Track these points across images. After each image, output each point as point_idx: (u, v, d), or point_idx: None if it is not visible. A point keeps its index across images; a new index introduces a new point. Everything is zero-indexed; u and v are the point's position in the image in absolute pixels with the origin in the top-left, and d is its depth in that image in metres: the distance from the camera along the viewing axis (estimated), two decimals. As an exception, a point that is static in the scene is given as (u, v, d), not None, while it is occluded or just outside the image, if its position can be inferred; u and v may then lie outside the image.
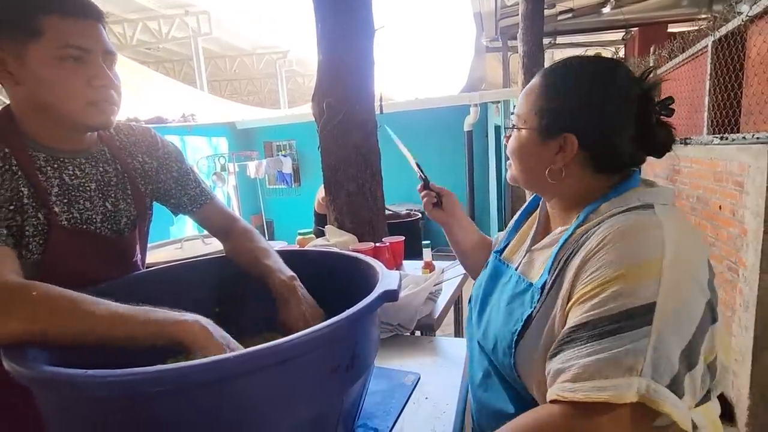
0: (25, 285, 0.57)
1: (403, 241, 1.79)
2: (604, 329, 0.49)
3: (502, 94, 5.99)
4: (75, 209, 0.75)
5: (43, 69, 0.66)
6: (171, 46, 8.73)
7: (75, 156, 0.76)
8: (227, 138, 6.30)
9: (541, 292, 0.60)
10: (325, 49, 1.83)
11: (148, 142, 0.89)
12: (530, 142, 0.66)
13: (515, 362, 0.60)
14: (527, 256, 0.70)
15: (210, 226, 0.97)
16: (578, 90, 0.62)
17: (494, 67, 8.60)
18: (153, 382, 0.46)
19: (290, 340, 0.50)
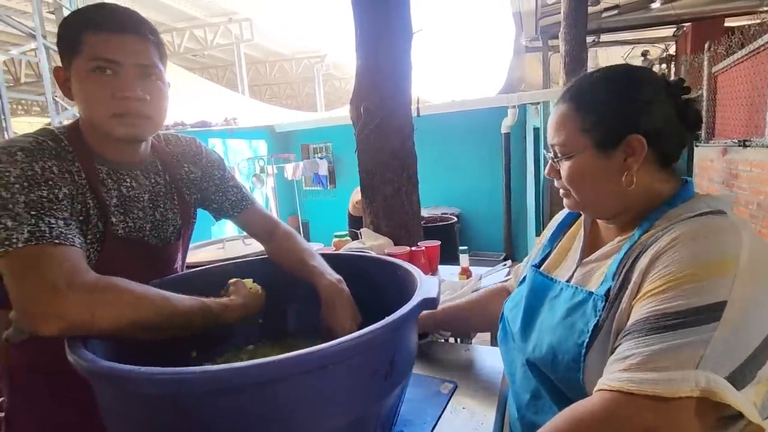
0: (114, 281, 0.61)
1: (439, 245, 1.78)
2: (668, 323, 0.49)
3: (541, 95, 5.81)
4: (129, 219, 0.79)
5: (78, 82, 0.71)
6: (215, 52, 9.12)
7: (131, 168, 0.81)
8: (266, 140, 6.49)
9: (606, 299, 0.59)
10: (364, 54, 1.85)
11: (193, 152, 0.93)
12: (589, 161, 0.64)
13: (584, 377, 0.58)
14: (580, 269, 0.69)
15: (252, 229, 1.00)
16: (618, 91, 0.63)
17: (533, 68, 8.38)
18: (202, 381, 0.48)
19: (333, 346, 0.51)
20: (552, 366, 0.63)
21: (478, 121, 5.47)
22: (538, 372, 0.66)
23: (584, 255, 0.71)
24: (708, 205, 0.58)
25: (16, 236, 0.59)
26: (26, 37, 4.17)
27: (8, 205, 0.61)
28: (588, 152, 0.64)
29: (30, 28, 3.91)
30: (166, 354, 0.76)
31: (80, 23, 0.70)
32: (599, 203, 0.67)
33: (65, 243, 0.62)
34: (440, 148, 5.48)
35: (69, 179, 0.70)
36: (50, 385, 0.77)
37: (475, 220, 5.63)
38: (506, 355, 0.79)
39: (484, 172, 5.56)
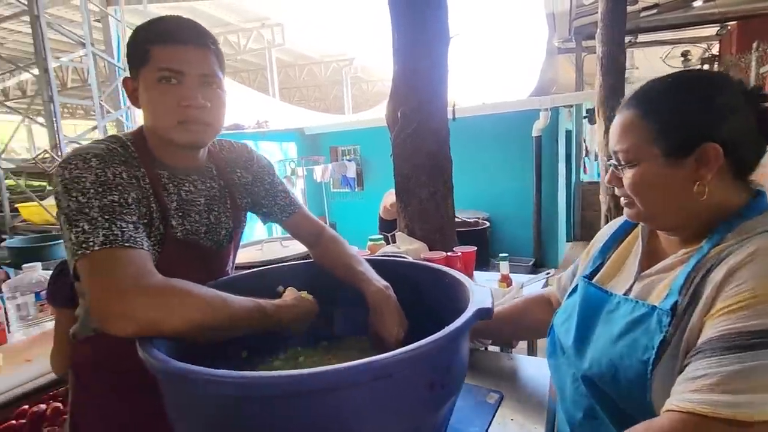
0: (178, 283, 0.64)
1: (474, 251, 1.76)
2: (745, 343, 0.46)
3: (575, 97, 5.69)
4: (187, 222, 0.82)
5: (145, 91, 0.74)
6: (247, 57, 9.35)
7: (190, 173, 0.84)
8: (296, 143, 6.61)
9: (672, 314, 0.56)
10: (401, 59, 1.85)
11: (245, 158, 0.96)
12: (657, 170, 0.62)
13: (651, 395, 0.56)
14: (639, 282, 0.66)
15: (299, 233, 1.02)
16: (693, 97, 0.60)
17: (566, 69, 8.19)
18: (269, 386, 0.49)
19: (394, 356, 0.51)
20: (613, 383, 0.61)
21: (508, 124, 5.40)
22: (594, 389, 0.64)
23: (643, 267, 0.68)
24: None
25: (92, 240, 0.62)
26: (74, 44, 4.40)
27: (84, 209, 0.64)
28: (656, 160, 0.61)
29: (79, 36, 4.12)
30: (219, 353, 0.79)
31: (148, 36, 0.73)
32: (665, 214, 0.64)
33: (135, 246, 0.65)
34: (470, 151, 5.42)
35: (136, 184, 0.73)
36: (114, 382, 0.80)
37: (503, 225, 5.54)
38: (556, 370, 0.77)
39: (513, 175, 5.47)
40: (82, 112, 12.24)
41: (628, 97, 0.67)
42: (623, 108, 0.66)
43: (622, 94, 3.90)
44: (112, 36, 4.78)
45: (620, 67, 3.85)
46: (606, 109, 3.86)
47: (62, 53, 5.75)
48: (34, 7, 3.60)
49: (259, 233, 4.44)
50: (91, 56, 4.12)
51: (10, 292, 1.47)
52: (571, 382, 0.70)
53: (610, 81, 3.81)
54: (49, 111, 3.66)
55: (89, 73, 4.20)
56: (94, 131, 4.44)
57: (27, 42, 6.99)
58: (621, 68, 3.87)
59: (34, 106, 4.53)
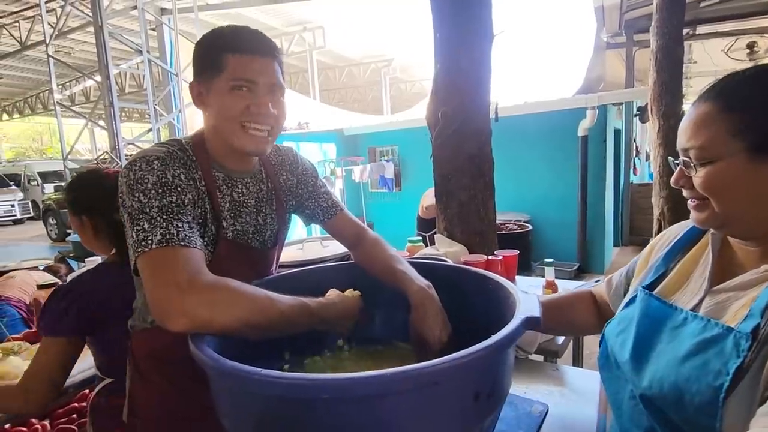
0: (229, 282, 0.66)
1: (516, 255, 1.71)
2: None
3: (625, 94, 5.40)
4: (238, 223, 0.85)
5: (218, 97, 0.77)
6: (290, 60, 9.60)
7: (244, 176, 0.87)
8: (336, 143, 6.71)
9: (752, 338, 0.51)
10: (443, 58, 1.83)
11: (291, 161, 0.98)
12: (738, 168, 0.57)
13: (723, 425, 0.51)
14: (710, 298, 0.61)
15: (340, 234, 1.03)
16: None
17: (615, 66, 7.79)
18: (315, 389, 0.50)
19: (441, 363, 0.50)
20: (676, 407, 0.56)
21: (552, 124, 5.21)
22: (654, 409, 0.59)
23: (714, 282, 0.62)
24: None
25: (151, 238, 0.66)
26: (132, 52, 4.70)
27: (145, 209, 0.68)
28: (738, 157, 0.56)
29: (137, 44, 4.40)
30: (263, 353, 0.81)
31: (222, 46, 0.77)
32: (746, 218, 0.58)
33: (190, 245, 0.68)
34: (510, 152, 5.27)
35: (192, 186, 0.77)
36: (170, 373, 0.85)
37: (545, 228, 5.35)
38: (610, 384, 0.72)
39: (557, 177, 5.27)
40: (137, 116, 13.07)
41: (702, 91, 0.61)
42: (697, 103, 0.61)
43: (678, 90, 3.66)
44: (165, 43, 5.07)
45: (677, 62, 3.61)
46: (660, 107, 3.63)
47: (121, 61, 6.16)
48: (98, 18, 3.88)
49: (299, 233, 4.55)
50: (147, 63, 4.38)
51: (73, 284, 1.58)
52: (628, 398, 0.65)
53: (665, 77, 3.58)
54: (110, 115, 3.93)
55: (145, 78, 4.47)
56: (149, 133, 4.71)
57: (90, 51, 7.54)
58: (678, 63, 3.63)
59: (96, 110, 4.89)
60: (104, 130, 4.11)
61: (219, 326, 0.62)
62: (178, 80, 4.78)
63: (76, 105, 10.12)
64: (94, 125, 5.07)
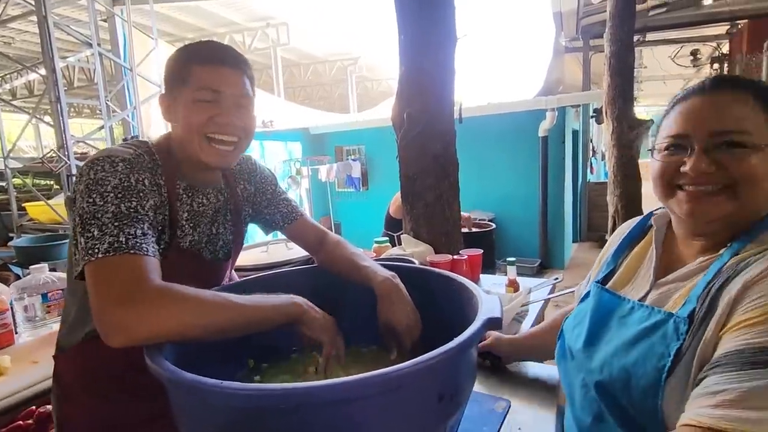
0: (176, 288, 0.63)
1: (481, 254, 1.75)
2: (764, 358, 0.46)
3: (582, 97, 5.64)
4: (196, 233, 0.84)
5: (183, 108, 0.76)
6: (253, 56, 9.36)
7: (206, 186, 0.85)
8: (301, 142, 6.61)
9: (689, 322, 0.55)
10: (407, 60, 1.84)
11: (249, 170, 0.97)
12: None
13: (663, 403, 0.55)
14: (655, 289, 0.65)
15: (302, 239, 1.02)
16: None
17: (573, 70, 8.13)
18: (274, 398, 0.49)
19: (403, 368, 0.50)
20: (624, 390, 0.59)
21: (514, 124, 5.37)
22: (605, 394, 0.63)
23: (659, 275, 0.67)
24: None
25: (98, 246, 0.62)
26: (81, 44, 4.42)
27: (98, 214, 0.64)
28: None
29: (86, 36, 4.14)
30: (227, 359, 0.79)
31: (189, 57, 0.76)
32: (753, 213, 0.58)
33: (139, 252, 0.64)
34: (475, 152, 5.39)
35: (156, 192, 0.74)
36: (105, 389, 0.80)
37: (509, 226, 5.51)
38: (565, 375, 0.76)
39: (519, 176, 5.44)
40: (88, 111, 12.33)
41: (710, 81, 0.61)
42: (715, 89, 0.60)
43: (630, 93, 3.86)
44: (118, 36, 4.80)
45: (629, 67, 3.82)
46: (614, 109, 3.82)
47: (69, 53, 5.79)
48: (42, 7, 3.62)
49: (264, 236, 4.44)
50: (97, 56, 4.13)
51: (17, 294, 1.48)
52: (580, 386, 0.69)
53: (618, 80, 3.77)
54: (56, 111, 3.68)
55: (95, 72, 4.21)
56: (101, 131, 4.46)
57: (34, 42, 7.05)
58: (629, 68, 3.84)
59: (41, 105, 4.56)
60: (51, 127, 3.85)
61: (165, 335, 0.59)
62: (133, 75, 4.54)
63: (18, 99, 9.42)
64: (39, 121, 4.74)
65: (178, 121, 0.77)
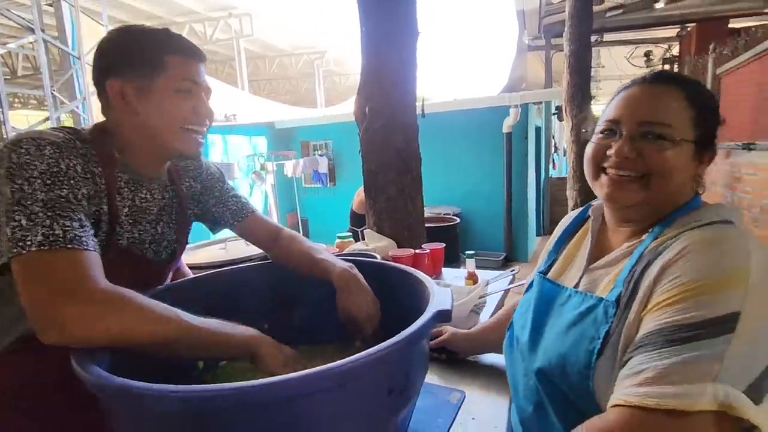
0: (124, 293, 0.59)
1: (443, 248, 1.76)
2: (682, 335, 0.48)
3: (544, 94, 5.80)
4: (136, 230, 0.79)
5: (163, 99, 0.73)
6: (214, 47, 9.05)
7: (150, 182, 0.81)
8: (266, 137, 6.46)
9: (617, 305, 0.57)
10: (369, 54, 1.82)
11: (195, 166, 0.94)
12: (685, 156, 0.61)
13: (594, 384, 0.56)
14: (587, 275, 0.67)
15: (254, 236, 0.99)
16: (713, 99, 0.64)
17: (535, 67, 8.35)
18: (221, 399, 0.46)
19: (349, 363, 0.49)
20: (562, 374, 0.61)
21: (479, 120, 5.46)
22: (546, 382, 0.64)
23: (591, 261, 0.69)
24: (717, 215, 0.58)
25: (30, 238, 0.57)
26: (24, 29, 4.12)
27: (27, 201, 0.58)
28: (689, 147, 0.61)
29: (28, 21, 3.85)
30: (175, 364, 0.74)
31: (161, 44, 0.73)
32: (662, 203, 0.62)
33: (79, 247, 0.59)
34: (441, 147, 5.46)
35: (90, 180, 0.68)
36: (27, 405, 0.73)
37: (475, 220, 5.62)
38: (510, 365, 0.77)
39: (484, 171, 5.54)
40: (35, 102, 11.55)
41: (653, 73, 0.65)
42: (654, 82, 0.63)
43: (587, 91, 4.01)
44: (65, 21, 4.50)
45: (586, 66, 3.95)
46: (573, 107, 3.96)
47: (10, 39, 5.38)
48: (-23, -12, 3.35)
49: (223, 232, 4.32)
50: (41, 43, 3.86)
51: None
52: (523, 375, 0.70)
53: (577, 79, 3.90)
54: (-5, 101, 3.42)
55: (40, 60, 3.94)
56: (47, 122, 4.18)
57: (-29, 26, 6.50)
58: (587, 67, 3.98)
59: (-21, 95, 4.20)
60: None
61: (104, 340, 0.55)
62: (81, 64, 4.27)
63: (-46, 88, 8.69)
64: (-23, 112, 4.38)
65: (146, 111, 0.73)
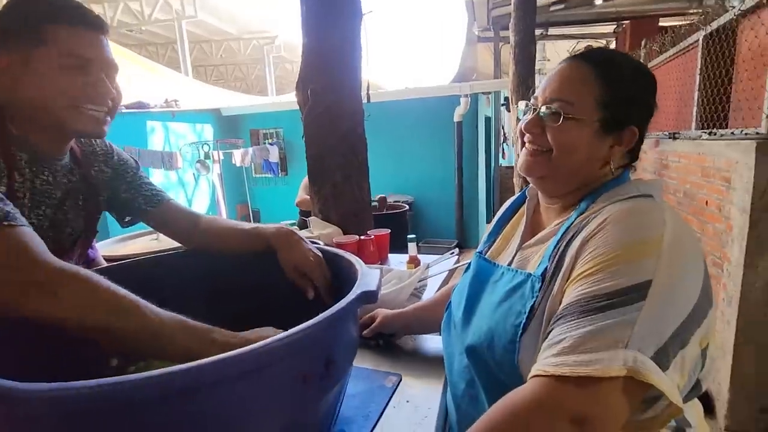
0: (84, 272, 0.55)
1: (388, 234, 1.75)
2: (597, 305, 0.49)
3: (493, 84, 5.95)
4: (34, 214, 0.73)
5: (45, 75, 0.66)
6: (154, 28, 8.46)
7: (52, 162, 0.75)
8: (212, 125, 6.15)
9: (542, 280, 0.58)
10: (310, 33, 1.75)
11: (104, 151, 0.88)
12: (587, 134, 0.62)
13: (519, 358, 0.57)
14: (520, 253, 0.68)
15: (172, 225, 0.92)
16: (637, 82, 0.63)
17: (485, 58, 8.54)
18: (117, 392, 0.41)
19: (253, 350, 0.45)
20: (489, 349, 0.61)
21: (430, 109, 5.50)
22: (475, 358, 0.65)
23: (525, 239, 0.70)
24: (638, 189, 0.59)
25: None
26: None
27: None
28: (591, 125, 0.61)
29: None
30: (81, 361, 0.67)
31: (42, 13, 0.66)
32: (568, 177, 0.64)
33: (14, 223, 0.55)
34: (393, 136, 5.45)
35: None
36: None
37: (427, 208, 5.69)
38: (447, 345, 0.78)
39: (436, 159, 5.61)
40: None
41: (575, 52, 0.67)
42: (573, 60, 0.64)
43: (532, 83, 4.14)
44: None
45: (530, 57, 4.08)
46: (518, 97, 4.07)
47: None
48: None
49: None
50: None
51: None
52: (457, 354, 0.71)
53: (522, 70, 4.02)
54: None
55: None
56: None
57: None
58: (531, 58, 4.10)
59: None
60: None
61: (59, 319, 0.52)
62: None
63: None
64: None
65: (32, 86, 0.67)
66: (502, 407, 0.48)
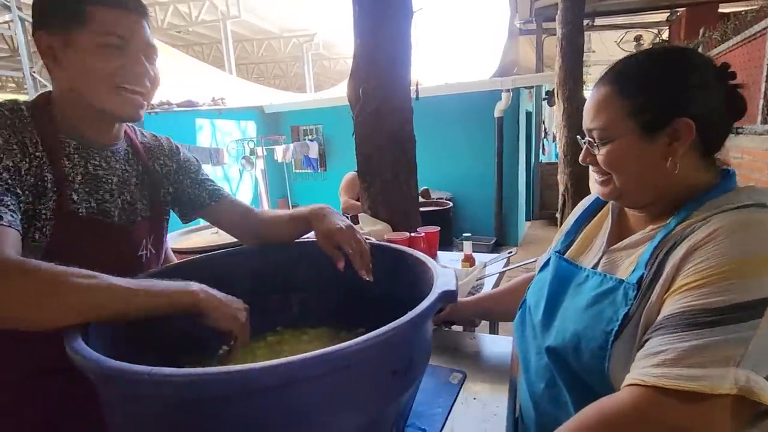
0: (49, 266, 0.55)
1: (438, 231, 1.76)
2: (705, 319, 0.47)
3: (535, 78, 5.78)
4: (93, 199, 0.75)
5: (84, 55, 0.68)
6: (200, 29, 8.80)
7: (103, 148, 0.78)
8: (255, 122, 6.35)
9: (638, 288, 0.57)
10: (362, 33, 1.77)
11: (170, 148, 0.94)
12: (633, 146, 0.62)
13: (610, 365, 0.56)
14: (607, 256, 0.67)
15: (229, 218, 0.97)
16: (668, 73, 0.61)
17: (527, 51, 8.29)
18: (220, 383, 0.45)
19: (353, 345, 0.48)
20: (575, 353, 0.61)
21: (471, 105, 5.42)
22: (557, 360, 0.65)
23: (611, 242, 0.69)
24: (750, 197, 0.56)
25: None
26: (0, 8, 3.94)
27: None
28: (632, 136, 0.61)
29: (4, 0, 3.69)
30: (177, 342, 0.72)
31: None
32: (639, 190, 0.64)
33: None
34: (433, 131, 5.42)
35: (18, 151, 0.65)
36: None
37: (466, 204, 5.63)
38: (521, 342, 0.78)
39: (476, 155, 5.53)
40: (13, 86, 11.15)
41: (602, 73, 0.66)
42: (598, 85, 0.65)
43: (580, 76, 3.99)
44: None
45: (579, 50, 3.92)
46: (565, 91, 3.94)
47: (-15, 18, 5.14)
48: (-54, -38, 3.18)
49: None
50: (18, 22, 3.70)
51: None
52: (535, 354, 0.71)
53: (569, 63, 3.88)
54: (-28, 83, 3.28)
55: (18, 41, 3.78)
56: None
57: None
58: (579, 51, 3.95)
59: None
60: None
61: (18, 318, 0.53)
62: (63, 45, 4.11)
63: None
64: (-48, 95, 4.22)
65: (72, 67, 0.69)
66: (596, 412, 0.48)
